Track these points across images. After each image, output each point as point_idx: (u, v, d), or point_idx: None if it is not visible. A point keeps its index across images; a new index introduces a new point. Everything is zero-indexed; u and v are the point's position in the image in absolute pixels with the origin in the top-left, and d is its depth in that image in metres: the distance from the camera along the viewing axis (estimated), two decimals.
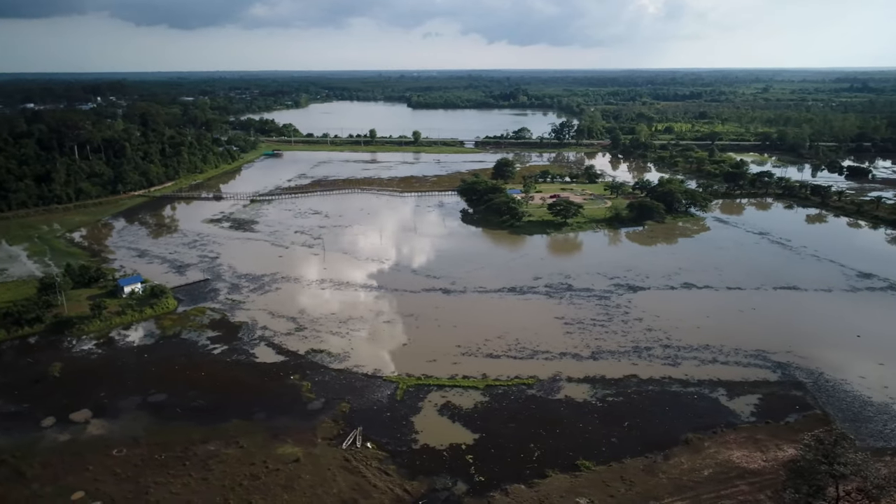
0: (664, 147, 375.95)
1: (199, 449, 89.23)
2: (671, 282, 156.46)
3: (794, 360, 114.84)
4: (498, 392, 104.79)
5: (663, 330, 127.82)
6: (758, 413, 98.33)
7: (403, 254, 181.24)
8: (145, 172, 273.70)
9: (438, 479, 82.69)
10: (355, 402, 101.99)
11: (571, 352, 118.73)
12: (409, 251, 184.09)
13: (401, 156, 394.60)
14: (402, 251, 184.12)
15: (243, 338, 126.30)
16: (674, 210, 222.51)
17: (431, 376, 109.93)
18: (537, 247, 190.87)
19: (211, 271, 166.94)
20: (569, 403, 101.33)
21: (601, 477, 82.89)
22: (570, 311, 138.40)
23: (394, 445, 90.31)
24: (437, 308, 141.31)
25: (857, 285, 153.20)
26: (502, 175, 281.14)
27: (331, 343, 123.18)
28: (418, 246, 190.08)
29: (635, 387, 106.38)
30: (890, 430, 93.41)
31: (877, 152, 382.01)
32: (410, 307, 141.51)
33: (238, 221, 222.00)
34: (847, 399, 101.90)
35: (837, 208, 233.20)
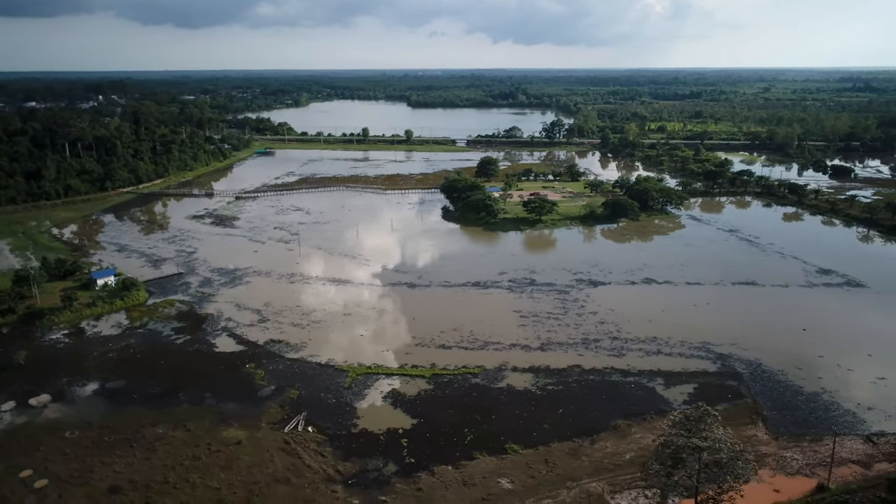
0: (652, 146, 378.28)
1: (147, 432, 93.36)
2: (633, 277, 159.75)
3: (737, 351, 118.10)
4: (443, 381, 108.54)
5: (615, 323, 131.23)
6: (690, 401, 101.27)
7: (376, 249, 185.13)
8: (134, 170, 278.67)
9: (371, 461, 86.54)
10: (305, 389, 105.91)
11: (521, 343, 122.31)
12: (383, 247, 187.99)
13: (392, 154, 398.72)
14: (375, 247, 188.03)
15: (207, 328, 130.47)
16: (649, 208, 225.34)
17: (382, 366, 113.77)
18: (508, 243, 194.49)
19: (186, 265, 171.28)
20: (509, 391, 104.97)
21: (526, 460, 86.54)
22: (528, 304, 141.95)
23: (334, 429, 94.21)
24: (399, 301, 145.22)
25: (815, 281, 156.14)
26: (486, 173, 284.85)
27: (290, 334, 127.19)
28: (392, 242, 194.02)
29: (577, 376, 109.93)
30: (814, 418, 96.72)
31: (865, 152, 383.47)
32: (373, 300, 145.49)
33: (220, 218, 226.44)
34: (779, 389, 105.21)
35: (812, 206, 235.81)
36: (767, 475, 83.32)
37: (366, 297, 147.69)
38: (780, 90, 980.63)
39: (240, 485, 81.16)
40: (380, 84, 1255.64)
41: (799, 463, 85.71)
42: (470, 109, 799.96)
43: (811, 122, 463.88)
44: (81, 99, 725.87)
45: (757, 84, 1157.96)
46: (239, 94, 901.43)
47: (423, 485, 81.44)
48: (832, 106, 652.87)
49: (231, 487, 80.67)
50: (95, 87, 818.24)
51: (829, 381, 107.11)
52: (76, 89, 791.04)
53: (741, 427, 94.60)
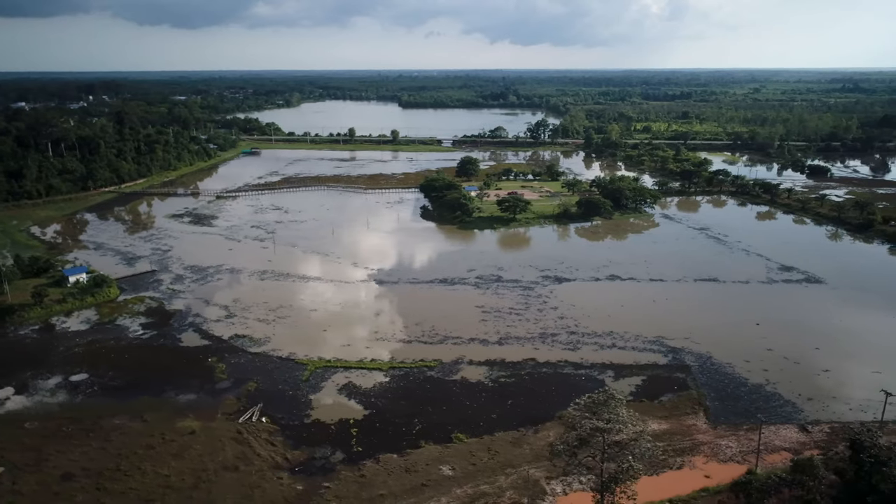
0: (635, 146, 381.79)
1: (105, 422, 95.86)
2: (598, 274, 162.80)
3: (689, 345, 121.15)
4: (399, 373, 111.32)
5: (574, 318, 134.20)
6: (637, 393, 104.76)
7: (349, 247, 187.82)
8: (117, 169, 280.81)
9: (319, 449, 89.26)
10: (263, 382, 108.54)
11: (480, 337, 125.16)
12: (356, 245, 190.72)
13: (378, 154, 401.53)
14: (349, 245, 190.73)
15: (174, 324, 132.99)
16: (622, 207, 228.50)
17: (341, 359, 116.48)
18: (480, 241, 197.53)
19: (159, 263, 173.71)
20: (462, 384, 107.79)
21: (470, 448, 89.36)
22: (492, 300, 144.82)
23: (287, 420, 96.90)
24: (365, 297, 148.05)
25: (775, 277, 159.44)
26: (466, 173, 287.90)
27: (255, 329, 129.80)
28: (366, 240, 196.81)
29: (530, 369, 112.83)
30: (755, 408, 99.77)
31: (845, 152, 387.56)
32: (340, 297, 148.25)
33: (198, 216, 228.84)
34: (725, 380, 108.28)
35: (784, 205, 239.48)
36: (701, 462, 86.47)
37: (333, 293, 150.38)
38: (771, 91, 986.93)
39: (189, 472, 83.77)
40: (375, 84, 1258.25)
41: (733, 450, 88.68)
42: (460, 110, 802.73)
43: (794, 122, 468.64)
44: (73, 99, 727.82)
45: (749, 85, 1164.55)
46: (231, 95, 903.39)
47: (367, 472, 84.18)
48: (818, 106, 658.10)
49: (180, 474, 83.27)
50: (87, 88, 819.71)
51: (774, 374, 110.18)
52: (68, 89, 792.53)
53: (682, 417, 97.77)
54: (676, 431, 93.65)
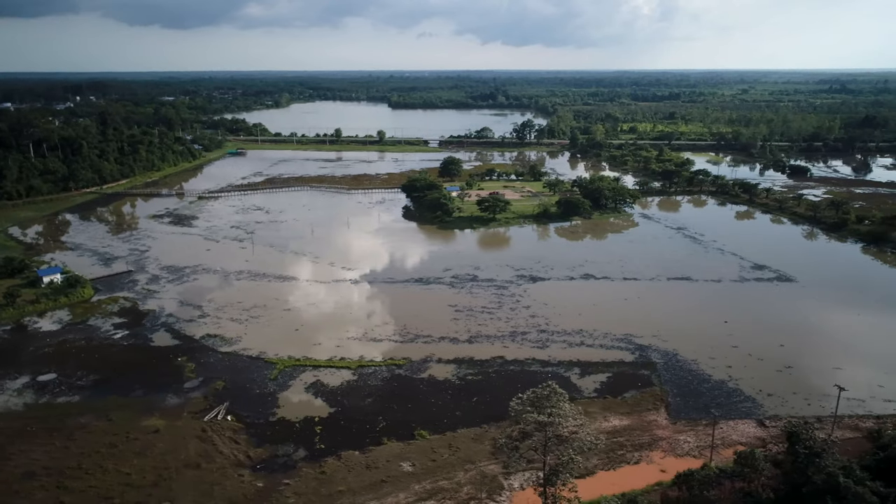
0: (618, 146, 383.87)
1: (71, 421, 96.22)
2: (573, 273, 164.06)
3: (657, 342, 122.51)
4: (367, 372, 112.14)
5: (545, 316, 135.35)
6: (601, 389, 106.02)
7: (327, 247, 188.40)
8: (99, 170, 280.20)
9: (282, 447, 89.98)
10: (231, 381, 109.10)
11: (451, 336, 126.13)
12: (334, 245, 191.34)
13: (364, 155, 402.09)
14: (327, 245, 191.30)
15: (146, 324, 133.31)
16: (602, 206, 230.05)
17: (310, 358, 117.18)
18: (458, 241, 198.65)
19: (136, 263, 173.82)
20: (430, 381, 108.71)
21: (432, 444, 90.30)
22: (466, 299, 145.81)
23: (252, 418, 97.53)
24: (339, 297, 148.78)
25: (747, 276, 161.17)
26: (449, 173, 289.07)
27: (227, 328, 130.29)
28: (345, 240, 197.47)
29: (498, 367, 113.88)
30: (715, 404, 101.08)
31: (827, 152, 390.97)
32: (314, 296, 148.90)
33: (179, 217, 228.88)
34: (688, 377, 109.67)
35: (763, 205, 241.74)
36: (658, 457, 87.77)
37: (308, 293, 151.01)
38: (759, 92, 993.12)
39: (150, 470, 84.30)
40: (366, 85, 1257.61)
41: (690, 445, 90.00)
42: (450, 110, 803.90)
43: (778, 123, 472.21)
44: (60, 100, 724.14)
45: (738, 86, 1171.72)
46: (220, 96, 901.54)
47: (328, 468, 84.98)
48: (804, 107, 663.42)
49: (141, 472, 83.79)
50: (74, 88, 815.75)
51: (738, 370, 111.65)
52: (55, 90, 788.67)
53: (644, 413, 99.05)
54: (636, 427, 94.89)
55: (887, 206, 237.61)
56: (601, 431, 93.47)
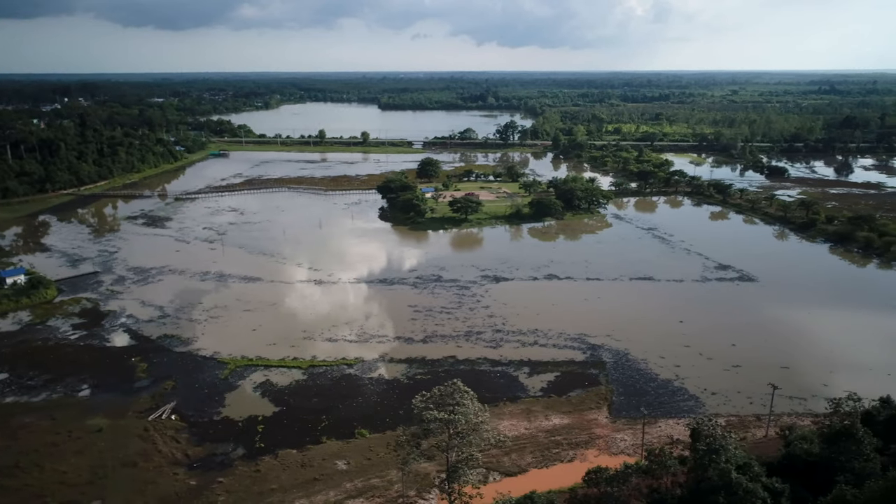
0: (599, 147, 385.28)
1: (15, 421, 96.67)
2: (537, 273, 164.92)
3: (610, 342, 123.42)
4: (318, 371, 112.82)
5: (503, 316, 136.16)
6: (547, 388, 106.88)
7: (296, 248, 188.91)
8: (76, 171, 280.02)
9: (221, 446, 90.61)
10: (182, 380, 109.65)
11: (406, 336, 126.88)
12: (303, 246, 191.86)
13: (348, 156, 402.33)
14: (297, 246, 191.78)
15: (105, 325, 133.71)
16: (575, 207, 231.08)
17: (263, 358, 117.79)
18: (428, 242, 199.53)
19: (104, 264, 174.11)
20: (378, 381, 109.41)
21: (370, 443, 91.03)
22: (427, 300, 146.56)
23: (197, 417, 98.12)
24: (301, 297, 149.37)
25: (710, 276, 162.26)
26: (426, 174, 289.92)
27: (185, 329, 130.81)
28: (314, 241, 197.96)
29: (448, 367, 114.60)
30: (657, 403, 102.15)
31: (808, 152, 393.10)
32: (277, 297, 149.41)
33: (153, 218, 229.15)
34: (636, 376, 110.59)
35: (735, 205, 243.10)
36: (593, 455, 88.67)
37: (270, 294, 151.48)
38: (749, 93, 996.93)
39: (87, 468, 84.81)
40: (358, 86, 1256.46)
41: (626, 443, 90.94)
42: (439, 112, 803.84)
43: (762, 123, 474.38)
44: (48, 101, 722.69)
45: (729, 87, 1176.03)
46: (210, 97, 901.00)
47: (263, 467, 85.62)
48: (791, 108, 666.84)
49: (78, 471, 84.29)
50: (63, 90, 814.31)
51: (686, 369, 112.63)
52: (44, 91, 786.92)
53: (586, 412, 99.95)
54: (576, 426, 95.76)
55: (859, 206, 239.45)
56: (541, 430, 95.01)
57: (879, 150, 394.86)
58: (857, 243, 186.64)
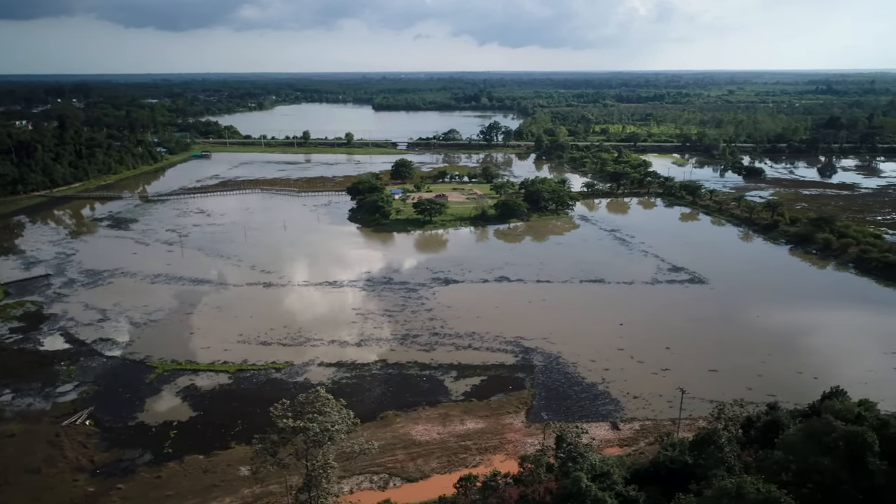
0: (582, 148, 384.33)
1: None
2: (489, 275, 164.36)
3: (544, 345, 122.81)
4: (245, 376, 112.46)
5: (443, 319, 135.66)
6: (470, 392, 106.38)
7: (256, 251, 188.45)
8: (51, 173, 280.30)
9: (129, 451, 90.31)
10: (107, 385, 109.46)
11: (341, 339, 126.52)
12: (261, 248, 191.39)
13: (331, 157, 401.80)
14: (256, 248, 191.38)
15: (43, 328, 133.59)
16: (542, 208, 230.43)
17: (193, 362, 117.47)
18: (387, 243, 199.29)
19: (58, 267, 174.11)
20: (303, 385, 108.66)
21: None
22: (371, 303, 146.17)
23: (112, 422, 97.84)
24: (246, 300, 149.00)
25: (661, 278, 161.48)
26: (400, 175, 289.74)
27: (123, 332, 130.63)
28: (276, 243, 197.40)
29: (376, 370, 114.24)
30: (577, 407, 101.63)
31: (791, 153, 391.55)
32: (223, 300, 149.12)
33: (118, 220, 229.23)
34: (562, 380, 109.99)
35: (704, 207, 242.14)
36: (499, 460, 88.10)
37: (216, 296, 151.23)
38: (746, 93, 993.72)
39: None
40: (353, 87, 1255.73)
41: (535, 448, 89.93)
42: (432, 112, 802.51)
43: (749, 124, 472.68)
44: (40, 102, 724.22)
45: (727, 87, 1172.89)
46: (205, 98, 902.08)
47: (166, 473, 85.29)
48: (784, 108, 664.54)
49: None
50: (57, 91, 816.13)
51: (614, 373, 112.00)
52: (36, 92, 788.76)
53: (503, 416, 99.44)
54: (490, 430, 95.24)
55: (828, 207, 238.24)
56: (453, 435, 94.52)
57: (863, 150, 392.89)
58: (817, 245, 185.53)
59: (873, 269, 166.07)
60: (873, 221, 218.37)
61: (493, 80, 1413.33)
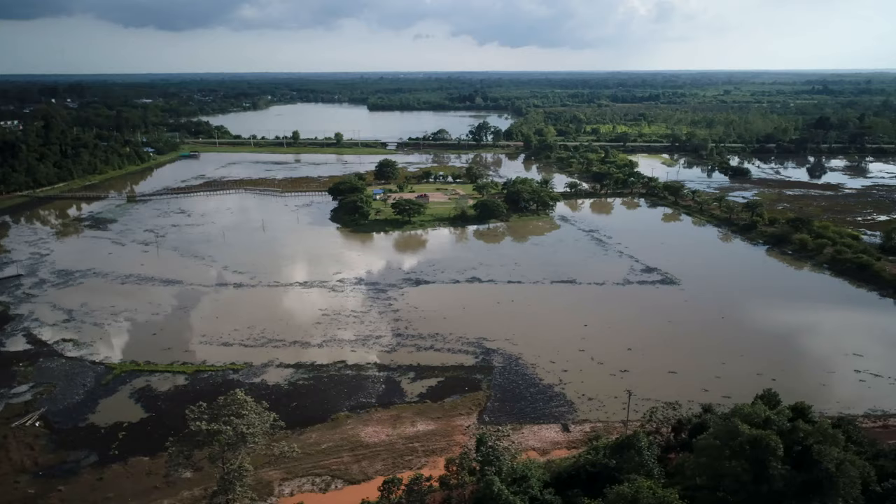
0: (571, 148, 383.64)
1: None
2: (460, 276, 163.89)
3: (506, 346, 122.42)
4: (202, 377, 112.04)
5: (409, 321, 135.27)
6: (425, 394, 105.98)
7: (231, 251, 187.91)
8: (34, 173, 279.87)
9: (75, 453, 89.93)
10: (63, 386, 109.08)
11: (304, 340, 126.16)
12: (239, 249, 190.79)
13: (319, 157, 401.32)
14: (231, 249, 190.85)
15: (7, 328, 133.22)
16: (522, 209, 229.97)
17: (152, 363, 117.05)
18: (364, 244, 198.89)
19: (31, 267, 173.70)
20: (259, 386, 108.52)
21: None
22: (339, 303, 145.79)
23: (62, 424, 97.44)
24: (214, 301, 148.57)
25: (632, 279, 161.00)
26: (384, 175, 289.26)
27: (86, 333, 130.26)
28: (251, 244, 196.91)
29: (334, 371, 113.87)
30: (530, 409, 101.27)
31: (780, 153, 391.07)
32: (191, 300, 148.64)
33: (98, 220, 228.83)
34: (519, 381, 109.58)
35: (685, 207, 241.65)
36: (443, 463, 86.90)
37: (183, 297, 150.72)
38: (742, 93, 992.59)
39: None
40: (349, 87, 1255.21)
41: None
42: (427, 112, 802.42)
43: (739, 123, 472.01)
44: (33, 102, 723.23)
45: (724, 86, 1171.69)
46: (200, 98, 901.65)
47: (109, 475, 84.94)
48: (778, 108, 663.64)
49: None
50: (51, 91, 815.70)
51: (572, 374, 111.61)
52: (30, 92, 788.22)
53: (455, 418, 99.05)
54: (440, 432, 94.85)
55: (810, 207, 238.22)
56: (402, 437, 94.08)
57: (851, 150, 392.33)
58: (793, 245, 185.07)
59: (847, 269, 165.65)
60: (853, 222, 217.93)
61: (491, 81, 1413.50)
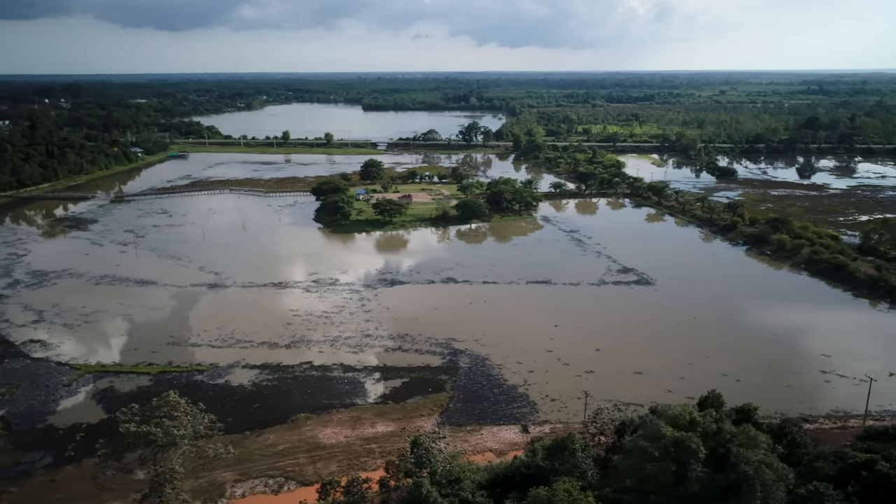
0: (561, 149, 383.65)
1: None
2: (436, 276, 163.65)
3: (474, 347, 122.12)
4: (166, 378, 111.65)
5: (379, 321, 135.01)
6: (388, 395, 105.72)
7: (208, 252, 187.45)
8: (18, 173, 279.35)
9: (30, 454, 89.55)
10: (25, 387, 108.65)
11: (272, 341, 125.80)
12: (215, 249, 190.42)
13: (308, 157, 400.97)
14: (209, 250, 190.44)
15: None
16: (504, 209, 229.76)
17: (117, 364, 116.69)
18: (343, 244, 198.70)
19: (6, 268, 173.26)
20: (223, 387, 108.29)
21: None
22: (312, 304, 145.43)
23: (21, 425, 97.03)
24: (185, 302, 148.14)
25: (608, 279, 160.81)
26: (369, 175, 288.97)
27: (54, 334, 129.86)
28: (231, 244, 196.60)
29: (299, 372, 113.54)
30: (492, 410, 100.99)
31: (769, 153, 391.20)
32: (161, 301, 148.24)
33: (79, 221, 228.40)
34: (484, 382, 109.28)
35: (668, 207, 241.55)
36: None
37: (156, 298, 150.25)
38: (738, 93, 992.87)
39: None
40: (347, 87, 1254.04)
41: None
42: (421, 112, 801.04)
43: (730, 124, 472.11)
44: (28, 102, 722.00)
45: (720, 87, 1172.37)
46: (195, 98, 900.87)
47: (62, 476, 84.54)
48: (771, 108, 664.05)
49: None
50: (45, 91, 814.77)
51: (537, 375, 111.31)
52: (24, 92, 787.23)
53: (415, 419, 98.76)
54: (398, 434, 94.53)
55: (793, 208, 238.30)
56: (360, 438, 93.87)
57: (840, 150, 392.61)
58: (771, 246, 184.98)
59: (823, 270, 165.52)
60: (835, 222, 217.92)
61: (489, 81, 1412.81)
